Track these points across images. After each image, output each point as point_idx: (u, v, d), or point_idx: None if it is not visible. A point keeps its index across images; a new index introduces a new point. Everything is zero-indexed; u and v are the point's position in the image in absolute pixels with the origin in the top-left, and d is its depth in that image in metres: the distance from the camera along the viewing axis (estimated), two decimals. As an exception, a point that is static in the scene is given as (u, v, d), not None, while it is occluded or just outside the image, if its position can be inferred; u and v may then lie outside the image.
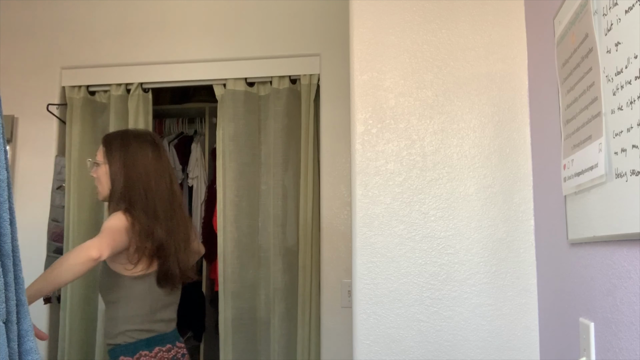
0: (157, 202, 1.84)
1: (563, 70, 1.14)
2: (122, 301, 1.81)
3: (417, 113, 1.52)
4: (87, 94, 2.87)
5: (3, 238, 0.95)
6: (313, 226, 2.63)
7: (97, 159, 1.92)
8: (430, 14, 1.54)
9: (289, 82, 2.74)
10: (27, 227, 2.53)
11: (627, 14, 0.83)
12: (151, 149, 1.90)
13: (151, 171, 1.86)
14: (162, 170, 1.90)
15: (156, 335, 1.82)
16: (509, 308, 1.43)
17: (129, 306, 1.80)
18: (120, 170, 1.85)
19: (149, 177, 1.85)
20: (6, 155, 0.98)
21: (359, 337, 1.46)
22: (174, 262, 1.83)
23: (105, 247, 1.65)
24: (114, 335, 1.81)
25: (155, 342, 1.80)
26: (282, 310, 2.63)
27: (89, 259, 1.61)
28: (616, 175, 0.87)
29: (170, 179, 1.92)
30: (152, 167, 1.87)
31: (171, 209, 1.87)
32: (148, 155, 1.88)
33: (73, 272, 1.62)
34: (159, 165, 1.89)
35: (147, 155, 1.88)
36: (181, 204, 1.97)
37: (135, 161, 1.85)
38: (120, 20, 2.86)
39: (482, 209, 1.46)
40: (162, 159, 1.92)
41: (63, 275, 1.61)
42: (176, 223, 1.88)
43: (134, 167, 1.85)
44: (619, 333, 0.90)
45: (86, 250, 1.62)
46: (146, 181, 1.84)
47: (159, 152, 1.93)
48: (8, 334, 0.94)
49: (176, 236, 1.86)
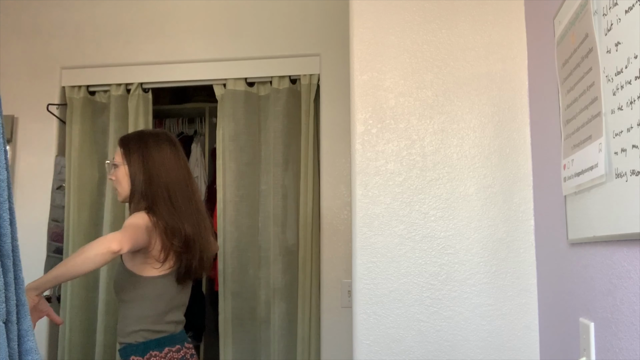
0: (179, 198, 1.85)
1: (563, 70, 1.14)
2: (137, 301, 1.82)
3: (417, 113, 1.52)
4: (87, 94, 2.87)
5: (3, 238, 0.95)
6: (313, 226, 2.63)
7: (115, 160, 1.93)
8: (430, 14, 1.54)
9: (289, 82, 2.74)
10: (27, 227, 2.53)
11: (627, 14, 0.83)
12: (169, 147, 1.91)
13: (171, 168, 1.88)
14: (181, 167, 1.91)
15: (166, 335, 1.82)
16: (509, 308, 1.43)
17: (143, 306, 1.81)
18: (140, 169, 1.86)
19: (169, 175, 1.86)
20: (6, 155, 0.98)
21: (359, 337, 1.46)
22: (198, 257, 1.85)
23: (126, 241, 1.65)
24: (126, 334, 1.81)
25: (165, 343, 1.81)
26: (282, 310, 2.63)
27: (109, 251, 1.61)
28: (616, 175, 0.87)
29: (189, 175, 1.94)
30: (171, 165, 1.88)
31: (194, 204, 1.89)
32: (167, 154, 1.89)
33: (93, 262, 1.62)
34: (177, 162, 1.91)
35: (166, 154, 1.89)
36: (201, 199, 1.99)
37: (154, 160, 1.87)
38: (120, 20, 2.86)
39: (482, 209, 1.46)
40: (180, 156, 1.94)
41: (82, 265, 1.62)
42: (200, 217, 1.90)
43: (153, 166, 1.86)
44: (619, 333, 0.90)
45: (108, 242, 1.62)
46: (167, 178, 1.85)
47: (177, 150, 1.94)
48: (8, 334, 0.94)
49: (201, 230, 1.88)
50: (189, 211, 1.86)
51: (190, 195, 1.90)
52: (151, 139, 1.91)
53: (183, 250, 1.81)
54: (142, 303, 1.82)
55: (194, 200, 1.91)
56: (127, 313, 1.83)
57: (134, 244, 1.69)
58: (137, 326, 1.80)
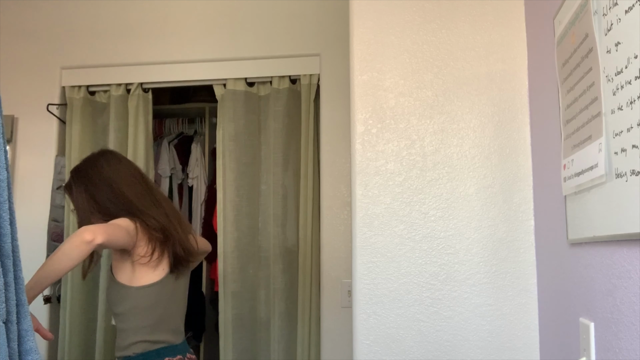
0: (137, 200, 1.84)
1: (563, 70, 1.14)
2: (131, 312, 1.81)
3: (417, 113, 1.52)
4: (87, 94, 2.87)
5: (3, 238, 0.95)
6: (313, 226, 2.63)
7: (71, 207, 1.96)
8: (430, 14, 1.54)
9: (289, 82, 2.74)
10: (27, 227, 2.53)
11: (627, 14, 0.83)
12: (104, 162, 1.90)
13: (115, 180, 1.86)
14: (126, 173, 1.89)
15: (167, 346, 1.81)
16: (509, 308, 1.43)
17: (138, 317, 1.80)
18: (88, 199, 1.85)
19: (117, 186, 1.85)
20: (6, 155, 0.98)
21: (359, 337, 1.46)
22: (177, 243, 1.85)
23: (100, 232, 1.61)
24: (124, 347, 1.80)
25: (165, 353, 1.80)
26: (282, 310, 2.63)
27: (83, 241, 1.56)
28: (616, 175, 0.87)
29: (139, 177, 1.92)
30: (114, 176, 1.87)
31: (155, 200, 1.89)
32: (103, 170, 1.87)
33: (69, 257, 1.56)
34: (120, 171, 1.89)
35: (102, 170, 1.87)
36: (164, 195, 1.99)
37: (95, 183, 1.86)
38: (120, 20, 2.86)
39: (482, 209, 1.46)
40: (121, 164, 1.92)
41: (59, 262, 1.56)
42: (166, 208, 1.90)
43: (96, 189, 1.85)
44: (619, 333, 0.90)
45: (80, 233, 1.59)
46: (116, 191, 1.84)
47: (116, 160, 1.92)
48: (8, 334, 0.94)
49: (171, 219, 1.88)
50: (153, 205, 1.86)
51: (149, 192, 1.89)
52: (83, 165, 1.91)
53: (163, 240, 1.81)
54: (137, 314, 1.80)
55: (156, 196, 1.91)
56: (123, 326, 1.82)
57: (108, 238, 1.64)
58: (135, 338, 1.78)
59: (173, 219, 1.89)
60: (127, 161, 1.98)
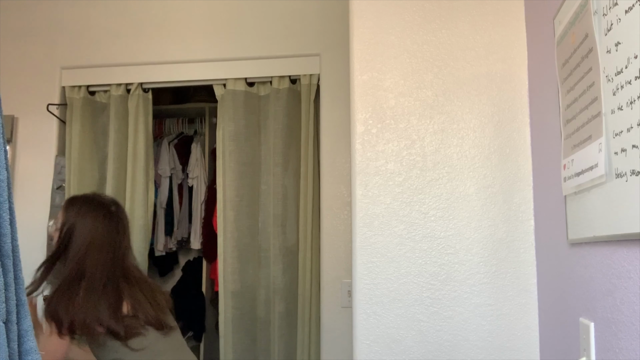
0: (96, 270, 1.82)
1: (563, 70, 1.14)
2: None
3: (417, 113, 1.52)
4: (87, 94, 2.87)
5: (3, 238, 0.95)
6: (313, 226, 2.63)
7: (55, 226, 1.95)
8: (430, 14, 1.54)
9: (289, 82, 2.74)
10: (27, 227, 2.53)
11: (627, 14, 0.83)
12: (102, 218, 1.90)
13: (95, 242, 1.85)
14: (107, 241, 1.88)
15: None
16: (509, 308, 1.43)
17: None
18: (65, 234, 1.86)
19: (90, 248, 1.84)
20: (6, 155, 0.98)
21: (359, 337, 1.46)
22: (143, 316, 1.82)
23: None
24: None
25: None
26: (282, 310, 2.63)
27: None
28: (616, 175, 0.87)
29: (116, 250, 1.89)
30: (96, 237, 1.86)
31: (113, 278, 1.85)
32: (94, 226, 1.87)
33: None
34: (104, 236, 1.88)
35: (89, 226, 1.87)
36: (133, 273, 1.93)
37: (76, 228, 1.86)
38: (120, 20, 2.86)
39: (482, 209, 1.46)
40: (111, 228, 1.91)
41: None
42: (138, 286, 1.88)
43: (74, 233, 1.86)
44: (619, 333, 0.90)
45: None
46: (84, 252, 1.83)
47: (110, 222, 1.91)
48: (8, 334, 0.94)
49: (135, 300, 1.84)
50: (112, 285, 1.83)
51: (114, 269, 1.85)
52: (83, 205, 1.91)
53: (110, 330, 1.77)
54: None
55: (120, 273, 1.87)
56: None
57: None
58: None
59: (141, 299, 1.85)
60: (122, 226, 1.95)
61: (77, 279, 1.81)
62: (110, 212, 1.94)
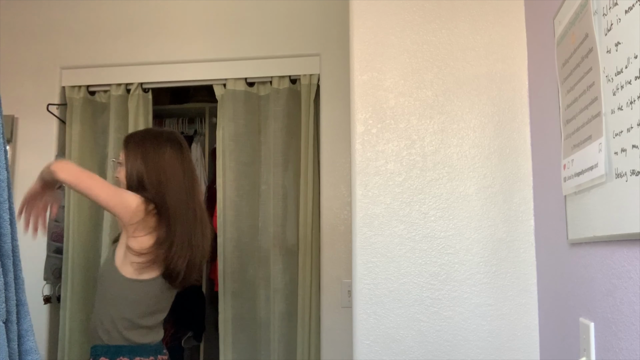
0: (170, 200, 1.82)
1: (563, 70, 1.14)
2: (116, 301, 1.80)
3: (417, 113, 1.52)
4: (87, 94, 2.87)
5: (3, 238, 0.95)
6: (313, 226, 2.63)
7: (119, 159, 1.93)
8: (430, 14, 1.54)
9: (289, 82, 2.74)
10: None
11: (627, 14, 0.83)
12: (170, 148, 1.89)
13: (168, 170, 1.85)
14: (178, 169, 1.88)
15: (139, 345, 1.80)
16: (509, 308, 1.43)
17: (121, 307, 1.79)
18: (135, 169, 1.85)
19: (165, 176, 1.84)
20: (6, 155, 0.98)
21: (359, 337, 1.46)
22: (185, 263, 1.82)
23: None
24: (100, 333, 1.79)
25: (137, 352, 1.79)
26: (282, 310, 2.63)
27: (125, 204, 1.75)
28: (616, 175, 0.87)
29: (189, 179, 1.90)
30: (168, 166, 1.86)
31: (191, 211, 1.86)
32: (165, 154, 1.87)
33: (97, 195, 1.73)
34: (176, 164, 1.88)
35: (165, 154, 1.87)
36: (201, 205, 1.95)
37: (149, 160, 1.85)
38: (120, 20, 2.86)
39: (482, 209, 1.46)
40: (182, 158, 1.91)
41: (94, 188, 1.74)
42: (196, 224, 1.87)
43: (147, 166, 1.84)
44: (619, 333, 0.90)
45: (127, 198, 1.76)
46: (159, 180, 1.83)
47: (179, 152, 1.91)
48: (8, 334, 0.94)
49: (192, 237, 1.84)
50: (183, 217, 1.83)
51: (187, 199, 1.86)
52: (150, 139, 1.90)
53: (166, 255, 1.78)
54: (120, 304, 1.79)
55: (192, 207, 1.87)
56: (103, 311, 1.81)
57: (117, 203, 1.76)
58: (112, 327, 1.78)
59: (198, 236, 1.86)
60: (189, 162, 1.95)
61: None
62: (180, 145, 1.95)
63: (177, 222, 1.81)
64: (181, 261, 1.81)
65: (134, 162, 1.86)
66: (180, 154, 1.91)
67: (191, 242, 1.85)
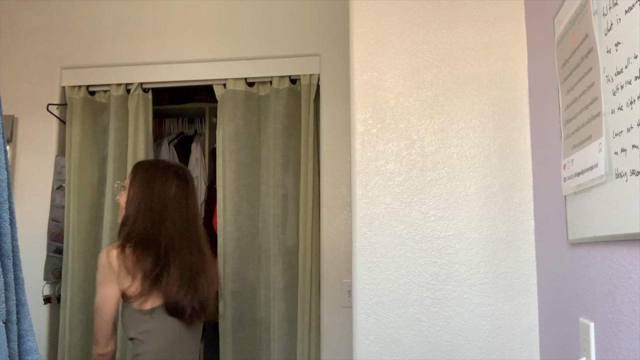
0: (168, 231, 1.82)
1: (563, 70, 1.14)
2: (143, 336, 1.80)
3: (417, 113, 1.52)
4: (87, 94, 2.87)
5: (3, 238, 0.95)
6: (313, 226, 2.63)
7: (125, 183, 1.94)
8: (430, 14, 1.54)
9: (289, 82, 2.74)
10: (27, 227, 2.53)
11: (627, 14, 0.83)
12: (177, 182, 1.89)
13: (171, 202, 1.85)
14: (184, 204, 1.88)
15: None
16: (509, 308, 1.43)
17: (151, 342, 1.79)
18: (136, 194, 1.85)
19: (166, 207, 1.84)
20: (6, 155, 0.98)
21: (359, 337, 1.46)
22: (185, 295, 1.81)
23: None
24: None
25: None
26: (282, 310, 2.63)
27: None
28: (616, 175, 0.87)
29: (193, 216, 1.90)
30: (172, 198, 1.86)
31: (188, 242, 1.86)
32: (171, 188, 1.87)
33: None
34: (181, 199, 1.88)
35: (170, 187, 1.87)
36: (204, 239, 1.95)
37: (154, 188, 1.85)
38: (120, 20, 2.86)
39: (482, 209, 1.46)
40: (188, 195, 1.91)
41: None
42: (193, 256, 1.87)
43: (150, 194, 1.84)
44: (619, 333, 0.90)
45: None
46: (160, 209, 1.83)
47: (186, 188, 1.91)
48: (8, 334, 0.94)
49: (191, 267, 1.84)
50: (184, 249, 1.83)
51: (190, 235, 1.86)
52: (159, 170, 1.90)
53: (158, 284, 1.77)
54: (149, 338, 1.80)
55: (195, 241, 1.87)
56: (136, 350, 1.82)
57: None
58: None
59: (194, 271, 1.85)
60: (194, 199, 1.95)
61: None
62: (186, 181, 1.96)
63: (173, 253, 1.81)
64: (182, 293, 1.80)
65: (138, 189, 1.86)
66: (186, 190, 1.91)
67: (193, 274, 1.84)
